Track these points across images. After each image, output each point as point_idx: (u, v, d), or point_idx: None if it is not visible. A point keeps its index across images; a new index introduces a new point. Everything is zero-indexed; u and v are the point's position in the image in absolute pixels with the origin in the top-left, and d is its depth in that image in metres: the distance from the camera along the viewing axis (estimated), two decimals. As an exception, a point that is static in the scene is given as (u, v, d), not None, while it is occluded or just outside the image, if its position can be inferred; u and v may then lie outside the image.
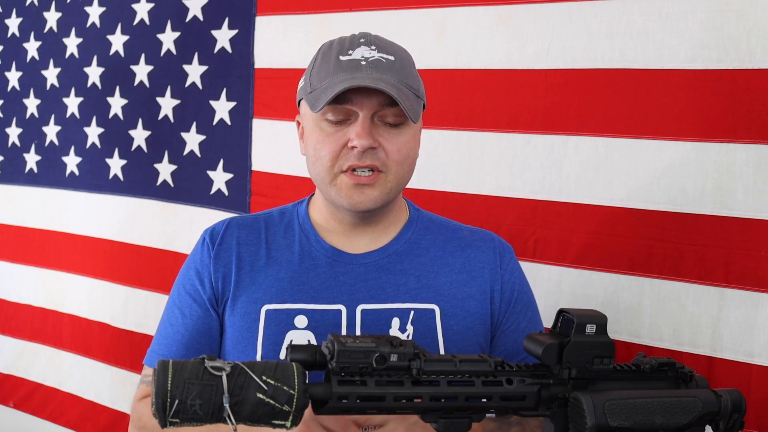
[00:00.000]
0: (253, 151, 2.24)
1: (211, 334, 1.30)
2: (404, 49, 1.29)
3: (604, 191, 1.65)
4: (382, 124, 1.22)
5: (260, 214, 1.40)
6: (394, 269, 1.30)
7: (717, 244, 1.52)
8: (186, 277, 1.34)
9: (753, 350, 1.49)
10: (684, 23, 1.54)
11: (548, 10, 1.70)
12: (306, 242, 1.32)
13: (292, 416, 0.89)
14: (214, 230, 1.35)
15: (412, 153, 1.27)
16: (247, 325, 1.26)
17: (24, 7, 2.86)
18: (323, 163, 1.23)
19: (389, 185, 1.24)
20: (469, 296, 1.30)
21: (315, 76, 1.25)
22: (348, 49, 1.22)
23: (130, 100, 2.53)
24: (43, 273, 2.84)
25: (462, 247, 1.35)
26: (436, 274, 1.31)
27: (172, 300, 1.35)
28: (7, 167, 2.95)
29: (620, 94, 1.62)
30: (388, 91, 1.16)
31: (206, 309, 1.30)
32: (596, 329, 1.00)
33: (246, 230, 1.34)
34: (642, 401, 0.98)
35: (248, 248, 1.32)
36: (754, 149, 1.48)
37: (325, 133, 1.23)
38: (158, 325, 1.36)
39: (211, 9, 2.31)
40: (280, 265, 1.30)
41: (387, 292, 1.28)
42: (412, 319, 1.26)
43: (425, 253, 1.33)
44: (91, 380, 2.69)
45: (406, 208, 1.39)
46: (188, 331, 1.30)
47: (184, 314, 1.31)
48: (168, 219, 2.45)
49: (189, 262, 1.36)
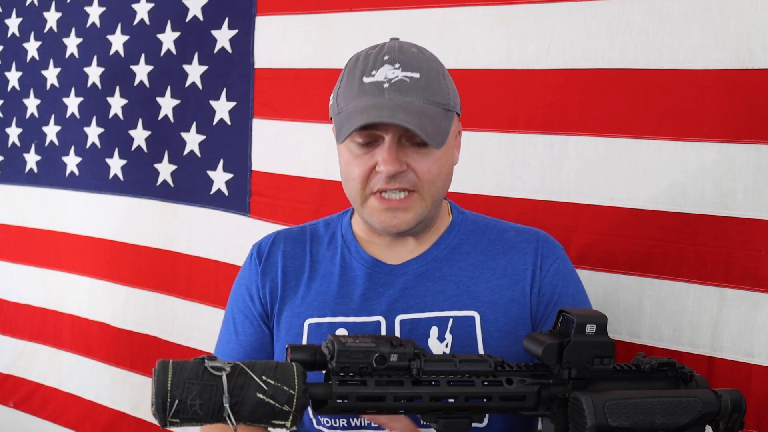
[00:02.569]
0: (253, 151, 2.24)
1: (264, 349, 1.32)
2: (432, 58, 1.24)
3: (604, 191, 1.65)
4: (410, 144, 1.19)
5: (306, 226, 1.40)
6: (433, 276, 1.28)
7: (717, 244, 1.52)
8: (237, 294, 1.36)
9: (753, 350, 1.49)
10: (684, 23, 1.54)
11: (548, 10, 1.70)
12: (347, 254, 1.32)
13: (292, 416, 0.89)
14: (261, 245, 1.37)
15: (445, 168, 1.24)
16: (291, 339, 1.28)
17: (24, 7, 2.86)
18: (354, 185, 1.22)
19: (424, 206, 1.22)
20: (510, 300, 1.27)
21: (341, 97, 1.22)
22: (371, 69, 1.18)
23: (130, 100, 2.53)
24: (43, 273, 2.84)
25: (505, 250, 1.31)
26: (476, 279, 1.28)
27: (227, 317, 1.37)
28: (7, 167, 2.95)
29: (620, 94, 1.62)
30: (407, 125, 1.12)
31: (258, 325, 1.32)
32: (596, 329, 1.00)
33: (292, 243, 1.35)
34: (642, 401, 0.98)
35: (293, 261, 1.33)
36: (754, 149, 1.47)
37: (354, 155, 1.21)
38: (216, 341, 1.39)
39: (211, 9, 2.30)
40: (323, 279, 1.31)
41: (426, 301, 1.26)
42: (450, 327, 1.25)
43: (466, 258, 1.31)
44: (91, 380, 2.69)
45: (449, 212, 1.37)
46: (243, 348, 1.32)
47: (237, 331, 1.33)
48: (168, 219, 2.45)
49: (239, 278, 1.38)
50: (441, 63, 1.27)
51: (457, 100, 1.28)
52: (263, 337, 1.32)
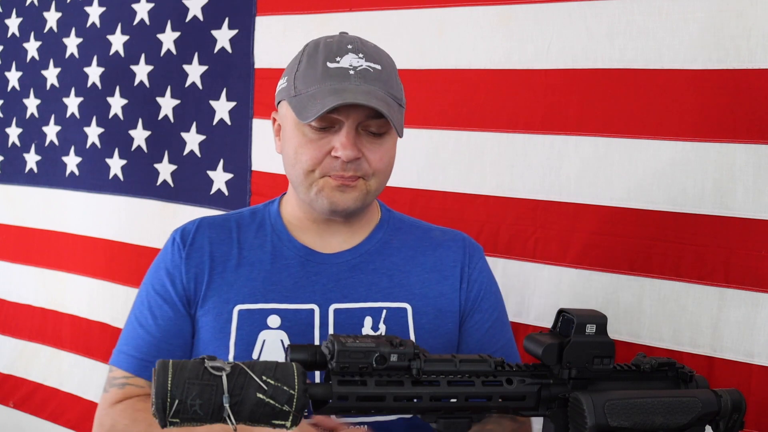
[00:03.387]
0: (253, 151, 2.24)
1: (183, 335, 1.29)
2: (388, 55, 1.28)
3: (604, 191, 1.65)
4: (365, 133, 1.21)
5: (231, 214, 1.39)
6: (366, 269, 1.31)
7: (717, 244, 1.52)
8: (156, 277, 1.32)
9: (753, 350, 1.49)
10: (684, 23, 1.54)
11: (548, 10, 1.70)
12: (278, 242, 1.32)
13: (292, 416, 0.89)
14: (184, 230, 1.34)
15: (392, 160, 1.28)
16: (220, 326, 1.26)
17: (24, 7, 2.86)
18: (302, 167, 1.23)
19: (369, 190, 1.25)
20: (440, 294, 1.32)
21: (300, 80, 1.23)
22: (336, 56, 1.20)
23: (130, 100, 2.53)
24: (43, 273, 2.84)
25: (433, 247, 1.36)
26: (407, 273, 1.32)
27: (141, 300, 1.33)
28: (7, 167, 2.95)
29: (620, 94, 1.62)
30: (379, 108, 1.15)
31: (177, 310, 1.29)
32: (596, 329, 1.00)
33: (217, 230, 1.34)
34: (642, 401, 0.98)
35: (220, 248, 1.31)
36: (754, 149, 1.48)
37: (308, 139, 1.22)
38: (125, 325, 1.34)
39: (211, 9, 2.31)
40: (252, 265, 1.29)
41: (359, 292, 1.28)
42: (384, 317, 1.27)
43: (397, 252, 1.34)
44: (91, 380, 2.69)
45: (378, 209, 1.40)
46: (160, 332, 1.28)
47: (154, 315, 1.29)
48: (168, 219, 2.44)
49: (158, 261, 1.34)
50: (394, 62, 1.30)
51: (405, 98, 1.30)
52: (182, 323, 1.28)
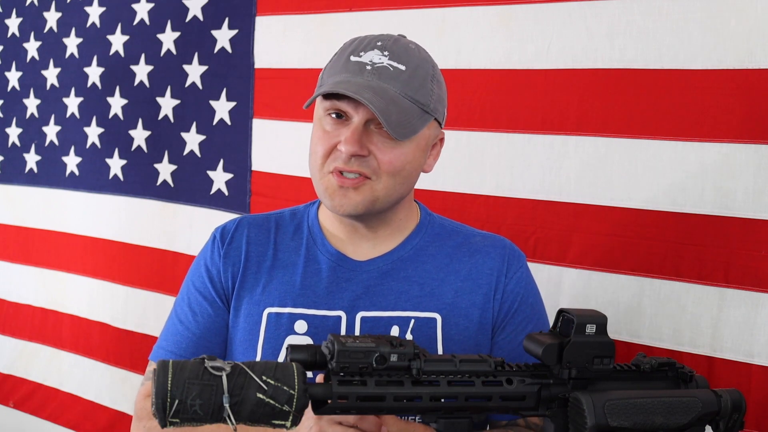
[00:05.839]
0: (253, 151, 2.24)
1: (221, 332, 1.30)
2: (426, 59, 1.24)
3: (604, 191, 1.65)
4: (378, 132, 1.18)
5: (272, 214, 1.38)
6: (397, 276, 1.28)
7: (717, 244, 1.52)
8: (196, 275, 1.33)
9: (753, 350, 1.49)
10: (684, 23, 1.54)
11: (548, 10, 1.70)
12: (312, 245, 1.31)
13: (292, 416, 0.89)
14: (225, 228, 1.34)
15: (409, 166, 1.22)
16: (249, 327, 1.26)
17: (24, 7, 2.86)
18: (316, 160, 1.23)
19: (376, 194, 1.20)
20: (472, 304, 1.28)
21: (327, 71, 1.25)
22: (360, 51, 1.20)
23: (130, 100, 2.53)
24: (43, 273, 2.84)
25: (470, 254, 1.31)
26: (441, 281, 1.28)
27: (182, 297, 1.34)
28: (7, 167, 2.95)
29: (620, 94, 1.62)
30: (368, 104, 1.12)
31: (217, 307, 1.30)
32: (596, 329, 1.00)
33: (256, 229, 1.33)
34: (642, 401, 0.98)
35: (257, 248, 1.31)
36: (754, 149, 1.47)
37: (324, 131, 1.22)
38: (167, 321, 1.35)
39: (211, 9, 2.31)
40: (285, 268, 1.29)
41: (388, 300, 1.26)
42: (412, 327, 1.25)
43: (431, 259, 1.30)
44: (91, 380, 2.69)
45: (417, 214, 1.36)
46: (200, 329, 1.29)
47: (194, 312, 1.30)
48: (168, 219, 2.45)
49: (199, 259, 1.35)
50: (436, 68, 1.26)
51: (441, 108, 1.27)
52: (220, 320, 1.29)
